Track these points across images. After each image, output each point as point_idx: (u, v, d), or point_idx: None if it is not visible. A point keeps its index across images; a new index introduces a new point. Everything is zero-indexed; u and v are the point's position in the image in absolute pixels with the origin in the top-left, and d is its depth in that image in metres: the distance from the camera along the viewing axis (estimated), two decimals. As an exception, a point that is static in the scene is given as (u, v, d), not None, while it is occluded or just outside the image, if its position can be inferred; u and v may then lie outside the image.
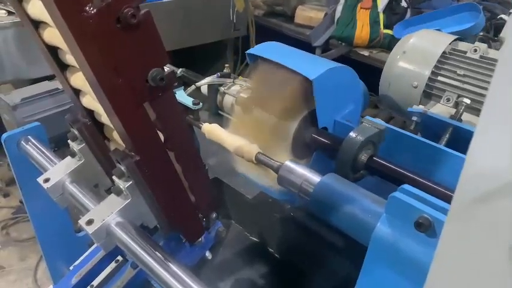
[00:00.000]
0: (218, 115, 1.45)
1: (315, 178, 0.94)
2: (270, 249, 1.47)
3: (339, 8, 3.04)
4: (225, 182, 1.51)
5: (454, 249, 0.43)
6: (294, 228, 1.43)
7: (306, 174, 0.96)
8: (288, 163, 0.98)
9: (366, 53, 2.88)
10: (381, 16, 2.88)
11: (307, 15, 3.40)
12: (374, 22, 2.87)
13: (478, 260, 0.41)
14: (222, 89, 1.43)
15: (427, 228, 0.67)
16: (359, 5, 2.94)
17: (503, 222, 0.38)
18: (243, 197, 1.48)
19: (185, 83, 1.55)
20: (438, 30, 1.84)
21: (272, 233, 1.47)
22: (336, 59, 2.10)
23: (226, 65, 1.58)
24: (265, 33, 3.42)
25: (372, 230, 0.74)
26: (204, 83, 1.47)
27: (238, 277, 1.39)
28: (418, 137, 1.16)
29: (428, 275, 0.46)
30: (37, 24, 0.80)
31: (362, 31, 2.89)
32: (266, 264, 1.44)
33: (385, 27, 2.86)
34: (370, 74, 1.83)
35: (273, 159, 1.00)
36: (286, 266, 1.43)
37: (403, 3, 2.95)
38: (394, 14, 2.91)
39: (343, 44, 3.00)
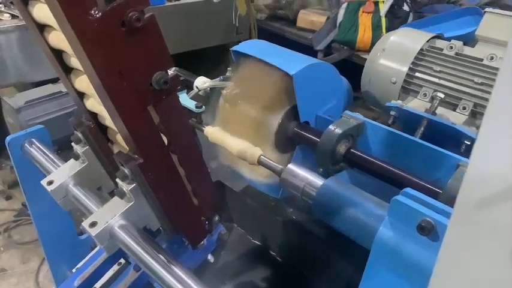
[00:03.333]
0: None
1: (318, 181, 0.94)
2: (272, 253, 1.47)
3: (341, 12, 3.04)
4: (227, 185, 1.52)
5: (457, 253, 0.43)
6: (296, 232, 1.43)
7: (309, 178, 0.96)
8: (291, 166, 0.99)
9: (367, 56, 2.88)
10: (383, 20, 2.88)
11: (309, 19, 3.41)
12: (376, 26, 2.88)
13: (480, 264, 0.42)
14: (224, 92, 1.43)
15: (430, 232, 0.67)
16: (361, 9, 2.95)
17: (505, 225, 0.38)
18: (245, 200, 1.49)
19: (187, 86, 1.55)
20: (440, 34, 1.84)
21: (274, 236, 1.47)
22: (337, 63, 2.11)
23: (229, 69, 1.59)
24: (267, 37, 3.41)
25: (375, 233, 0.74)
26: (206, 86, 1.48)
27: (240, 280, 1.38)
28: (394, 130, 1.19)
29: (431, 279, 0.46)
30: (42, 28, 0.80)
31: (364, 35, 2.89)
32: (268, 268, 1.44)
33: (387, 31, 2.86)
34: (372, 77, 1.83)
35: (276, 163, 1.01)
36: (289, 269, 1.43)
37: (405, 8, 2.95)
38: (396, 18, 2.92)
39: (345, 47, 3.01)
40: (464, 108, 1.51)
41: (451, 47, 1.65)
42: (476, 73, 1.54)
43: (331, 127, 1.11)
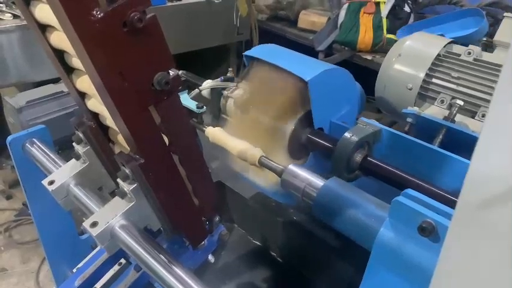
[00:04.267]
0: (221, 119, 1.45)
1: (318, 182, 0.94)
2: (273, 253, 1.47)
3: (342, 12, 3.04)
4: (228, 186, 1.52)
5: (458, 254, 0.43)
6: (296, 233, 1.43)
7: (309, 178, 0.96)
8: (292, 167, 0.99)
9: (369, 57, 2.88)
10: (384, 21, 2.88)
11: (310, 19, 3.41)
12: (377, 27, 2.88)
13: (481, 265, 0.42)
14: (225, 92, 1.43)
15: (431, 233, 0.67)
16: (362, 10, 2.94)
17: (507, 227, 0.38)
18: (246, 200, 1.49)
19: (189, 87, 1.56)
20: (441, 35, 1.84)
21: (275, 237, 1.47)
22: (339, 64, 2.10)
23: (230, 69, 1.59)
24: (269, 38, 3.42)
25: (375, 235, 0.74)
26: (207, 87, 1.48)
27: (240, 281, 1.38)
28: (411, 137, 1.17)
29: (432, 280, 0.46)
30: (44, 28, 0.80)
31: (365, 36, 2.89)
32: (268, 268, 1.44)
33: (388, 32, 2.86)
34: (373, 78, 1.83)
35: (277, 163, 1.01)
36: (289, 270, 1.43)
37: (406, 8, 2.95)
38: (397, 19, 2.92)
39: (346, 48, 3.01)
40: (483, 116, 1.47)
41: (469, 53, 1.61)
42: (495, 79, 1.51)
43: (347, 134, 1.08)
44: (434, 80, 1.63)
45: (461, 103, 1.45)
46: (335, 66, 1.22)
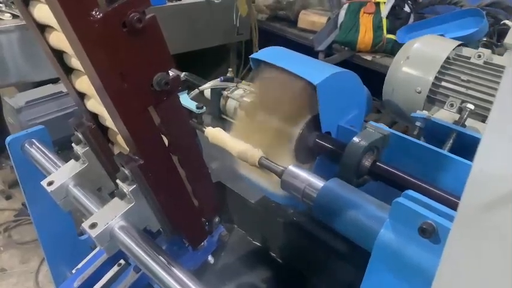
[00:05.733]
0: (221, 119, 1.45)
1: (318, 183, 0.94)
2: (273, 254, 1.47)
3: (342, 12, 3.04)
4: (227, 186, 1.51)
5: (460, 255, 0.43)
6: (296, 233, 1.43)
7: (310, 179, 0.96)
8: (292, 168, 0.98)
9: (368, 57, 2.88)
10: (384, 21, 2.88)
11: (310, 19, 3.41)
12: (377, 27, 2.87)
13: (484, 266, 0.41)
14: (225, 93, 1.43)
15: (431, 234, 0.67)
16: (362, 10, 2.94)
17: (509, 228, 0.38)
18: (245, 201, 1.48)
19: (189, 87, 1.56)
20: (441, 35, 1.84)
21: (275, 237, 1.47)
22: (338, 64, 2.10)
23: (230, 69, 1.59)
24: (268, 38, 3.42)
25: (376, 236, 0.74)
26: (207, 87, 1.48)
27: (240, 282, 1.38)
28: (422, 142, 1.16)
29: (434, 281, 0.46)
30: (43, 28, 0.80)
31: (365, 36, 2.89)
32: (268, 269, 1.44)
33: (388, 32, 2.86)
34: (373, 78, 1.82)
35: (277, 164, 1.00)
36: (289, 271, 1.43)
37: (407, 9, 2.95)
38: (397, 19, 2.91)
39: (346, 48, 3.01)
40: None
41: (479, 56, 1.59)
42: None
43: (355, 139, 1.06)
44: (443, 84, 1.60)
45: (472, 107, 1.41)
46: (343, 69, 1.20)
